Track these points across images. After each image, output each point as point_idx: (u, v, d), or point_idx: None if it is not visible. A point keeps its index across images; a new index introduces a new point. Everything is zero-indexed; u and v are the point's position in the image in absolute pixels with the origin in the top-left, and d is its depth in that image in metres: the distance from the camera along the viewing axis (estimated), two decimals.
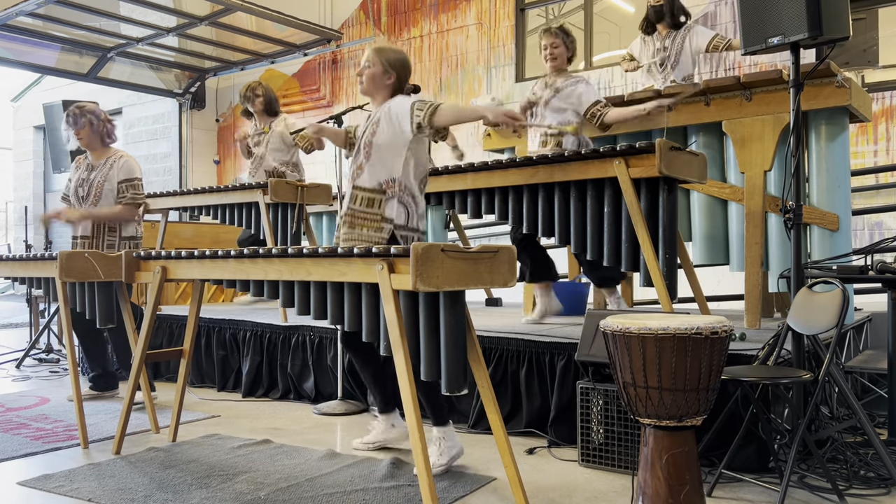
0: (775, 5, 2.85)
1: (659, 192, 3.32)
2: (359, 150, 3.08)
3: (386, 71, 3.02)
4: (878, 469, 2.79)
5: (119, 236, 4.22)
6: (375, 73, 3.03)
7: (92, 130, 4.18)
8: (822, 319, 2.61)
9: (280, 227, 4.82)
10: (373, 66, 3.03)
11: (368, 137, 3.03)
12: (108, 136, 4.25)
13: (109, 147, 4.28)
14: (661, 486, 2.18)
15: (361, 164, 3.04)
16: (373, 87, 3.05)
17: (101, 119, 4.20)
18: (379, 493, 2.67)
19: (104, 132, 4.22)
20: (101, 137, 4.22)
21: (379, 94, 3.06)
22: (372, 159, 3.01)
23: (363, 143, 3.06)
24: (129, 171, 4.18)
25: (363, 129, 3.10)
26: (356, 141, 3.15)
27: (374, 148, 3.00)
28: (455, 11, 8.39)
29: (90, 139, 4.20)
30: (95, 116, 4.18)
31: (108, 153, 4.24)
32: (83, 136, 4.18)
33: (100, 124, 4.19)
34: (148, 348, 3.29)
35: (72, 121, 4.17)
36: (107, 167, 4.18)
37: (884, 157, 6.06)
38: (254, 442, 3.40)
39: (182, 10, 7.81)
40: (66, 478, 2.89)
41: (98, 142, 4.22)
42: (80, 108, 4.19)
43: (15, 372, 5.60)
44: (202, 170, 10.38)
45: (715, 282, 5.90)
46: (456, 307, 2.41)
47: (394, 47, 3.09)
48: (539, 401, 3.48)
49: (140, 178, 4.23)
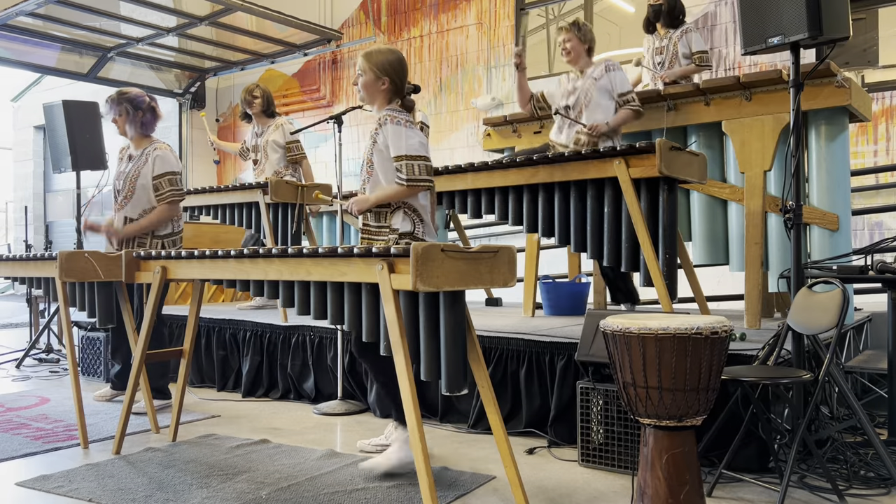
0: (775, 5, 2.85)
1: (659, 192, 3.32)
2: (363, 166, 3.04)
3: (378, 77, 2.94)
4: (878, 469, 2.79)
5: (152, 235, 4.01)
6: (368, 81, 2.95)
7: (128, 119, 3.98)
8: (822, 319, 2.61)
9: (280, 227, 4.82)
10: (365, 75, 2.95)
11: (368, 153, 3.00)
12: (145, 127, 4.02)
13: (149, 137, 4.05)
14: (661, 486, 2.18)
15: (364, 180, 3.01)
16: (369, 96, 2.99)
17: (141, 108, 3.98)
18: (379, 492, 2.67)
19: (140, 121, 3.99)
20: (138, 127, 4.01)
21: (376, 100, 3.00)
22: (374, 176, 2.97)
23: (364, 158, 3.02)
24: (166, 165, 3.94)
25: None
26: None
27: (375, 165, 2.96)
28: (455, 11, 8.39)
29: (125, 128, 4.01)
30: (133, 105, 3.97)
31: (145, 143, 4.03)
32: (119, 125, 4.01)
33: (137, 113, 3.98)
34: (148, 348, 3.29)
35: (109, 106, 4.01)
36: (142, 160, 3.97)
37: (884, 157, 6.06)
38: (253, 442, 3.40)
39: (182, 10, 7.81)
40: (64, 478, 2.89)
41: (135, 131, 4.01)
42: (120, 94, 4.01)
43: (15, 372, 5.60)
44: (202, 170, 10.36)
45: (715, 282, 5.89)
46: (456, 307, 2.41)
47: (383, 48, 2.99)
48: (539, 401, 3.48)
49: (177, 172, 4.00)
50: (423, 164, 2.88)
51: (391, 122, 2.90)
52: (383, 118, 2.92)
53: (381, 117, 2.93)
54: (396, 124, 2.89)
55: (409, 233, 2.95)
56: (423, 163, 2.88)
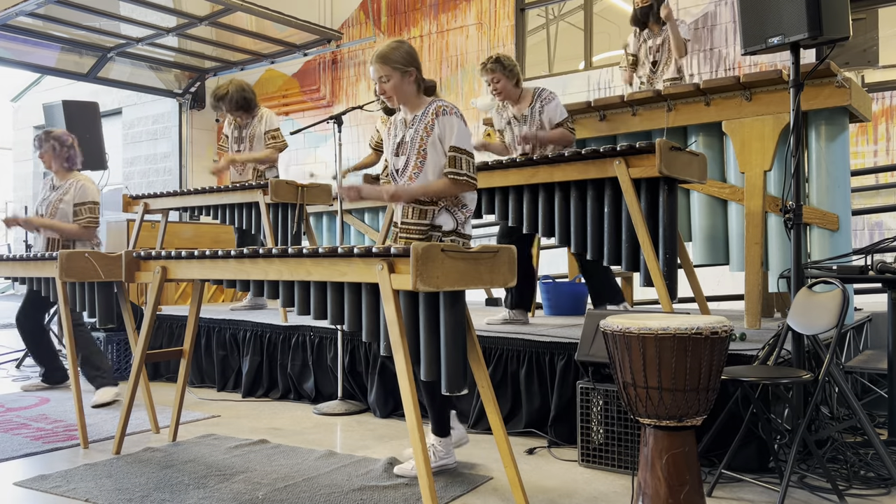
0: (775, 5, 2.85)
1: (659, 192, 3.32)
2: (407, 156, 2.84)
3: (404, 72, 2.79)
4: (878, 469, 2.79)
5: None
6: (396, 82, 2.79)
7: (54, 154, 4.44)
8: (822, 319, 2.61)
9: (280, 227, 4.82)
10: (391, 78, 2.78)
11: (420, 142, 2.80)
12: (69, 162, 4.48)
13: (72, 171, 4.50)
14: (661, 486, 2.18)
15: (412, 173, 2.82)
16: (402, 96, 2.82)
17: (65, 145, 4.46)
18: (376, 493, 2.66)
19: (66, 157, 4.47)
20: (62, 162, 4.46)
21: (410, 98, 2.84)
22: (425, 168, 2.80)
23: (413, 148, 2.81)
24: (85, 195, 4.41)
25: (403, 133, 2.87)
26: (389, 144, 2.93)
27: (430, 156, 2.79)
28: (455, 11, 8.39)
29: (51, 162, 4.46)
30: (59, 142, 4.44)
31: (69, 176, 4.47)
32: (45, 160, 4.47)
33: (63, 150, 4.45)
34: (148, 348, 3.28)
35: (36, 144, 4.48)
36: (65, 189, 4.43)
37: (884, 157, 6.06)
38: (252, 442, 3.40)
39: (182, 10, 7.81)
40: (63, 478, 2.89)
41: (59, 166, 4.46)
42: (47, 134, 4.49)
43: (15, 372, 5.60)
44: (202, 170, 10.37)
45: (715, 282, 5.90)
46: (456, 307, 2.41)
47: (390, 44, 2.81)
48: (539, 401, 3.48)
49: (97, 203, 4.45)
50: (473, 161, 2.79)
51: (450, 112, 2.77)
52: (440, 108, 2.78)
53: (439, 107, 2.78)
54: (455, 115, 2.78)
55: (453, 230, 2.83)
56: (474, 160, 2.80)
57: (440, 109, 2.78)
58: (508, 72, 3.95)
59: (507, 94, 4.01)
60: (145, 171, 10.96)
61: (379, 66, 2.79)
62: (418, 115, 2.84)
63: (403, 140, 2.86)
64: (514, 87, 4.01)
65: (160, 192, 5.38)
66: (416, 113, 2.85)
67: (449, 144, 2.76)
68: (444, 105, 2.80)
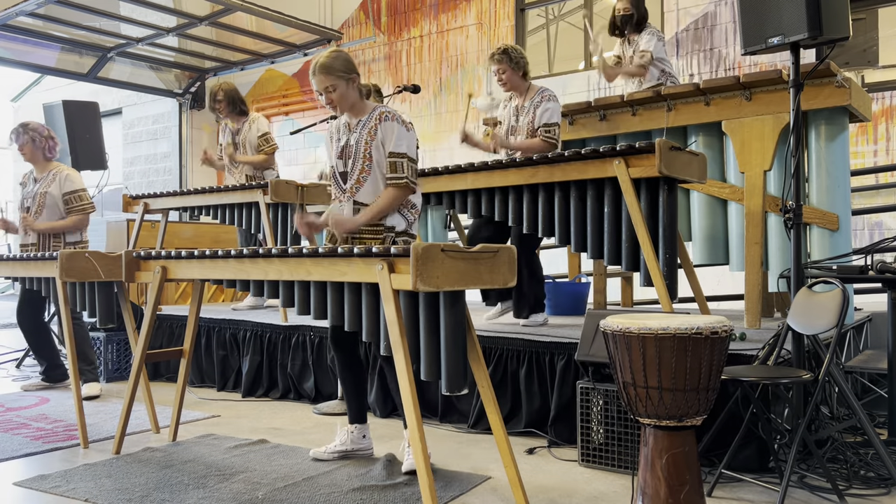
0: (775, 5, 2.85)
1: (659, 192, 3.32)
2: (354, 161, 2.91)
3: (347, 80, 2.85)
4: (878, 469, 2.79)
5: (63, 242, 4.53)
6: (342, 90, 2.85)
7: (34, 147, 4.50)
8: (822, 319, 2.61)
9: (280, 227, 4.82)
10: (336, 87, 2.84)
11: (365, 146, 2.88)
12: (50, 152, 4.56)
13: (51, 161, 4.60)
14: (661, 486, 2.18)
15: (359, 177, 2.90)
16: (347, 103, 2.89)
17: (42, 136, 4.52)
18: (376, 493, 2.66)
19: (45, 148, 4.54)
20: (43, 152, 4.54)
21: (355, 103, 2.92)
22: (373, 172, 2.89)
23: (359, 152, 2.89)
24: (73, 184, 4.51)
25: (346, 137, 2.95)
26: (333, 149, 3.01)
27: (375, 161, 2.88)
28: (455, 11, 8.39)
29: (33, 154, 4.52)
30: (37, 133, 4.51)
31: (49, 167, 4.57)
32: (26, 152, 4.52)
33: (42, 140, 4.52)
34: (148, 348, 3.28)
35: (14, 137, 4.53)
36: (48, 180, 4.51)
37: (884, 157, 6.06)
38: (252, 442, 3.40)
39: (182, 10, 7.81)
40: (62, 478, 2.89)
41: (40, 157, 4.54)
42: (24, 126, 4.52)
43: (15, 372, 5.60)
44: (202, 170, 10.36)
45: (715, 282, 5.89)
46: (456, 307, 2.41)
47: (329, 54, 2.86)
48: (539, 401, 3.48)
49: (84, 189, 4.55)
50: (415, 164, 2.89)
51: (392, 118, 2.87)
52: (383, 114, 2.87)
53: (381, 113, 2.88)
54: (397, 121, 2.87)
55: (405, 231, 2.95)
56: (415, 164, 2.90)
57: (383, 115, 2.88)
58: (514, 63, 3.99)
59: (513, 85, 4.04)
60: (145, 171, 10.95)
61: (323, 77, 2.85)
62: (362, 119, 2.93)
63: (348, 144, 2.94)
64: (520, 79, 4.04)
65: (160, 192, 5.38)
66: (360, 118, 2.94)
67: (388, 150, 2.86)
68: (387, 111, 2.90)
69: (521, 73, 4.02)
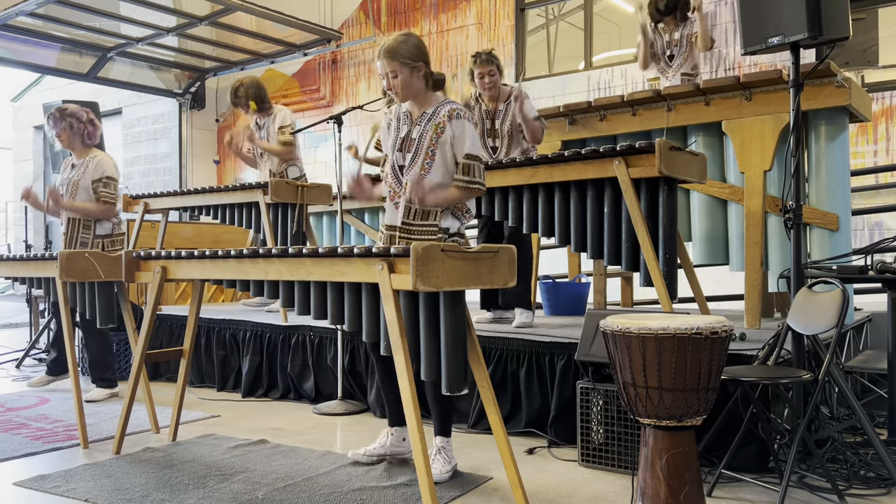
0: (775, 5, 2.85)
1: (659, 192, 3.32)
2: (415, 155, 2.78)
3: (413, 67, 2.72)
4: (878, 469, 2.79)
5: (92, 234, 4.36)
6: (405, 77, 2.72)
7: (72, 133, 4.30)
8: (822, 319, 2.61)
9: (280, 227, 4.82)
10: (399, 73, 2.71)
11: (430, 143, 2.74)
12: (89, 138, 4.36)
13: (90, 147, 4.39)
14: (661, 486, 2.18)
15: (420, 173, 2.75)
16: (411, 92, 2.76)
17: (81, 121, 4.31)
18: (376, 493, 2.66)
19: (84, 134, 4.33)
20: (82, 138, 4.33)
21: (419, 93, 2.78)
22: (434, 170, 2.76)
23: (422, 147, 2.76)
24: (102, 170, 4.29)
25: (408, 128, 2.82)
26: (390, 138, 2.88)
27: (438, 157, 2.75)
28: (455, 11, 8.39)
29: (70, 141, 4.33)
30: (76, 119, 4.29)
31: (87, 153, 4.36)
32: (63, 138, 4.32)
33: (80, 126, 4.30)
34: (148, 348, 3.28)
35: (52, 123, 4.31)
36: (83, 167, 4.32)
37: (884, 157, 6.06)
38: (252, 442, 3.40)
39: (182, 10, 7.81)
40: (62, 478, 2.89)
41: (79, 143, 4.34)
42: (62, 111, 4.31)
43: (15, 372, 5.60)
44: (202, 170, 10.37)
45: (715, 282, 5.89)
46: (456, 307, 2.41)
47: (397, 38, 2.74)
48: (539, 401, 3.48)
49: (113, 178, 4.34)
50: (483, 166, 2.77)
51: (464, 117, 2.74)
52: (454, 111, 2.73)
53: (452, 110, 2.74)
54: (468, 121, 2.76)
55: (457, 232, 2.82)
56: (483, 165, 2.78)
57: (454, 113, 2.74)
58: (499, 68, 4.08)
59: (497, 89, 4.10)
60: (145, 171, 10.95)
61: (387, 62, 2.72)
62: (427, 112, 2.80)
63: (409, 136, 2.81)
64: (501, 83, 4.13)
65: (160, 191, 5.38)
66: (424, 110, 2.81)
67: (464, 152, 2.73)
68: (458, 108, 2.76)
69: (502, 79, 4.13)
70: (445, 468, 2.81)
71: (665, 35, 4.78)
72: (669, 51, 4.75)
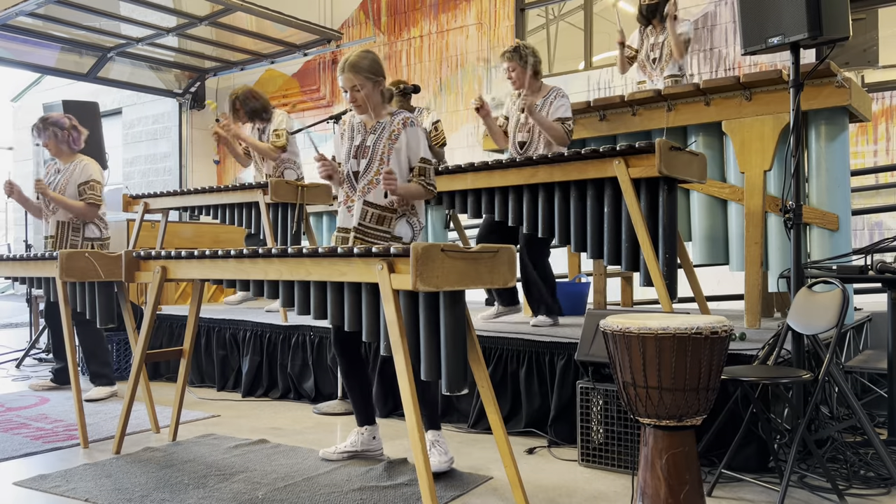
0: (775, 5, 2.85)
1: (659, 192, 3.32)
2: (369, 161, 2.94)
3: (375, 82, 2.90)
4: (878, 469, 2.79)
5: (82, 237, 4.46)
6: (369, 90, 2.89)
7: (57, 141, 4.43)
8: (822, 319, 2.61)
9: (280, 227, 4.81)
10: (363, 87, 2.87)
11: (384, 150, 2.91)
12: (75, 143, 4.48)
13: (75, 153, 4.51)
14: (661, 486, 2.18)
15: (373, 179, 2.93)
16: (372, 104, 2.92)
17: (64, 128, 4.43)
18: (376, 493, 2.66)
19: (69, 140, 4.45)
20: (68, 144, 4.46)
21: (377, 105, 2.95)
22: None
23: (376, 154, 2.93)
24: (88, 174, 4.41)
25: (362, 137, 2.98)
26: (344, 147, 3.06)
27: (392, 163, 2.90)
28: (455, 11, 8.39)
29: (57, 148, 4.45)
30: (59, 127, 4.42)
31: (73, 158, 4.48)
32: (51, 147, 4.46)
33: (63, 133, 4.43)
34: (148, 348, 3.28)
35: (36, 133, 4.45)
36: (69, 171, 4.43)
37: (884, 157, 6.06)
38: (252, 441, 3.40)
39: (182, 10, 7.81)
40: (62, 478, 2.89)
41: (66, 149, 4.46)
42: (44, 121, 4.43)
43: (15, 372, 5.60)
44: (202, 170, 10.37)
45: (715, 282, 5.89)
46: (456, 307, 2.41)
47: (360, 53, 2.90)
48: (539, 401, 3.48)
49: (99, 181, 4.46)
50: (434, 170, 2.98)
51: (418, 125, 2.95)
52: (408, 119, 2.93)
53: (406, 118, 2.93)
54: (421, 128, 2.97)
55: (411, 241, 2.96)
56: (434, 169, 2.98)
57: (407, 121, 2.93)
58: (523, 62, 4.04)
59: (522, 83, 4.08)
60: (145, 171, 10.95)
61: (352, 76, 2.88)
62: (383, 122, 2.97)
63: (364, 144, 2.98)
64: (531, 77, 4.07)
65: (160, 191, 5.38)
66: (379, 120, 2.97)
67: (420, 156, 2.92)
68: (411, 117, 2.96)
69: (531, 72, 4.07)
70: (444, 458, 2.86)
71: (651, 38, 4.80)
72: (654, 53, 4.76)
